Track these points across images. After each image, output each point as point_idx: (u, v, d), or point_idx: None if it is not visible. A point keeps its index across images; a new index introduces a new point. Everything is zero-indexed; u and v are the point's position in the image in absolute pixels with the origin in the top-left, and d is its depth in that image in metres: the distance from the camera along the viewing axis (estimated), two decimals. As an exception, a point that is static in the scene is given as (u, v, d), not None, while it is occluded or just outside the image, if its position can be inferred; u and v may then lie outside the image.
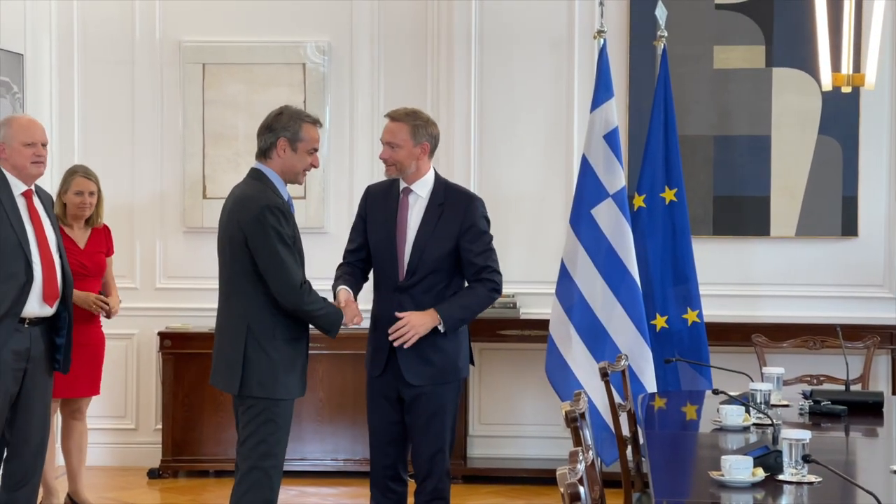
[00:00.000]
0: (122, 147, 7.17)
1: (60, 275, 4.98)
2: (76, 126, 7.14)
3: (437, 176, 4.80)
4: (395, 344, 4.65)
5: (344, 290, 4.77)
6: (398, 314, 4.65)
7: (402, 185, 4.77)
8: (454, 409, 4.79)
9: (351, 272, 4.86)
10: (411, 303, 4.68)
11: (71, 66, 7.16)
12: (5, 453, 5.00)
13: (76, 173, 5.94)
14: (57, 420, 6.09)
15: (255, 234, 4.46)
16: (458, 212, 4.72)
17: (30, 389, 4.95)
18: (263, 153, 4.62)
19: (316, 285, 6.43)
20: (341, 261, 4.94)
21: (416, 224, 4.72)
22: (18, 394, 4.91)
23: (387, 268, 4.74)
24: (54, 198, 5.91)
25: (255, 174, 4.62)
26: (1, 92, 6.34)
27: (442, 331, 4.65)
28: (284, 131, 4.59)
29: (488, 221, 4.81)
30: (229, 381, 4.53)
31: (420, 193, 4.75)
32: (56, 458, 6.06)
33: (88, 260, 5.91)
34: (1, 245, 4.83)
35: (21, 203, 4.94)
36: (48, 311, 4.94)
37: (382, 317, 4.74)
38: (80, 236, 5.93)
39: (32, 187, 5.01)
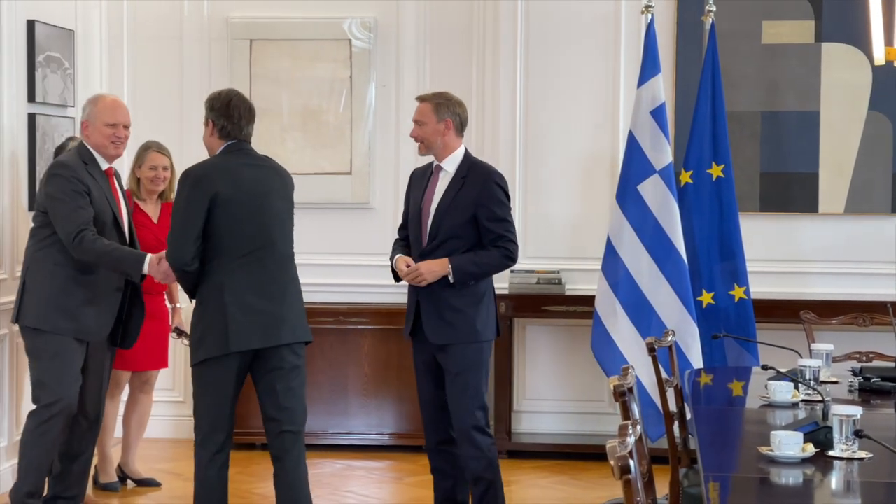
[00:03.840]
0: (170, 122, 7.21)
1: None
2: (125, 101, 7.15)
3: (466, 153, 5.09)
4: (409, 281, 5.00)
5: (399, 256, 5.11)
6: (406, 259, 5.03)
7: (435, 163, 5.04)
8: (481, 371, 5.03)
9: (404, 245, 5.20)
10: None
11: (121, 42, 7.22)
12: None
13: (150, 148, 6.01)
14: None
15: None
16: (477, 184, 5.00)
17: (87, 364, 5.02)
18: (249, 138, 4.88)
19: (362, 260, 6.50)
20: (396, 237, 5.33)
21: (440, 196, 5.02)
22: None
23: (416, 236, 5.11)
24: (128, 172, 6.03)
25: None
26: (52, 68, 6.41)
27: (451, 280, 4.92)
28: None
29: (507, 195, 5.05)
30: (306, 329, 4.83)
31: (448, 169, 5.05)
32: (116, 429, 6.14)
33: (163, 234, 5.98)
34: (103, 220, 4.96)
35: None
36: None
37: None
38: (153, 211, 6.02)
39: (113, 165, 5.12)
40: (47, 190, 4.97)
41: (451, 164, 5.04)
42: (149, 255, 4.89)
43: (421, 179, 5.14)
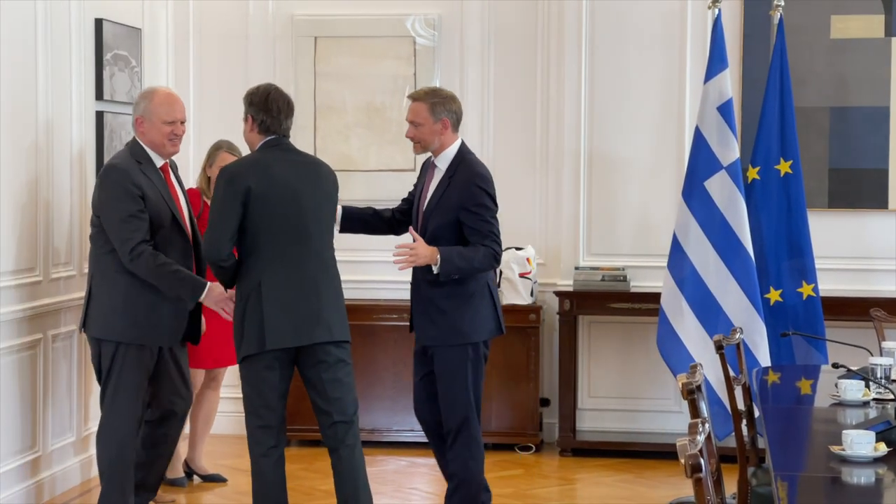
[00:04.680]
0: (236, 120, 7.20)
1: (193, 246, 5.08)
2: (191, 100, 7.25)
3: (459, 150, 5.02)
4: (394, 261, 4.90)
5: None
6: (413, 232, 4.94)
7: (432, 159, 5.05)
8: (465, 373, 4.95)
9: (384, 210, 5.24)
10: (421, 267, 4.93)
11: (187, 40, 7.28)
12: (148, 417, 5.10)
13: (221, 148, 6.03)
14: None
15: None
16: (459, 186, 4.93)
17: (167, 359, 5.03)
18: (288, 132, 4.87)
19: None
20: None
21: (430, 194, 5.00)
22: (157, 364, 4.99)
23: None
24: (199, 171, 6.07)
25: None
26: (120, 66, 6.48)
27: (435, 272, 4.84)
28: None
29: (491, 197, 4.96)
30: (344, 328, 4.82)
31: (441, 167, 5.01)
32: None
33: None
34: (160, 222, 4.87)
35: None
36: None
37: (412, 279, 5.06)
38: None
39: (168, 161, 5.07)
40: (100, 195, 4.88)
41: (443, 162, 4.98)
42: (209, 285, 4.80)
43: (423, 173, 5.11)
